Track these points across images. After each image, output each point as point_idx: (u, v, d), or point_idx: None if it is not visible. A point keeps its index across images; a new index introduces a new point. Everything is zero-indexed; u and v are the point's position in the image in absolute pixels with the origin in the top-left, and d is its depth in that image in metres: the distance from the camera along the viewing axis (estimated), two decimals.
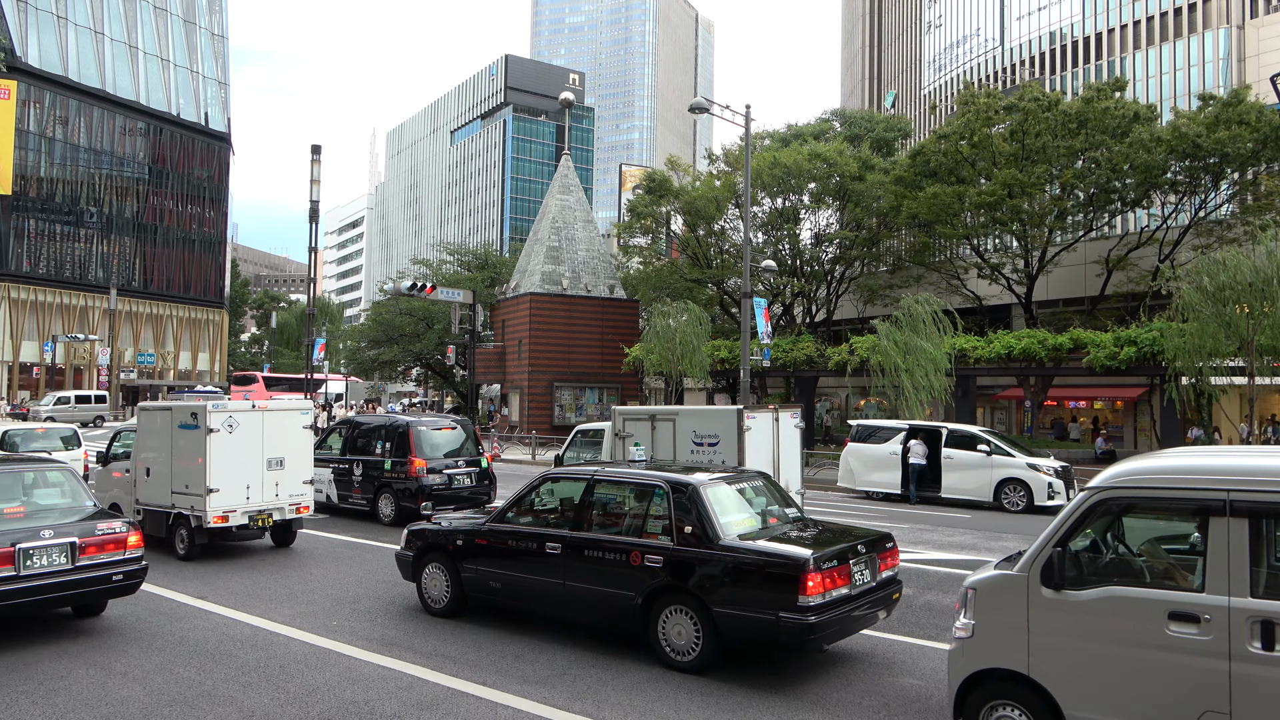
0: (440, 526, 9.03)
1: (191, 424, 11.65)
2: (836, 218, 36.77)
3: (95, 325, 67.06)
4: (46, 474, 9.05)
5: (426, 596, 9.02)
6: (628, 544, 7.53)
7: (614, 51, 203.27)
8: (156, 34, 74.44)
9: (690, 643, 7.12)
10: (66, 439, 17.49)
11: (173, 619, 8.86)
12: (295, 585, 10.34)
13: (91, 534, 8.14)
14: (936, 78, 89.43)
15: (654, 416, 11.37)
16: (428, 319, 45.50)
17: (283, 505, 12.18)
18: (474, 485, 15.14)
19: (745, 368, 26.79)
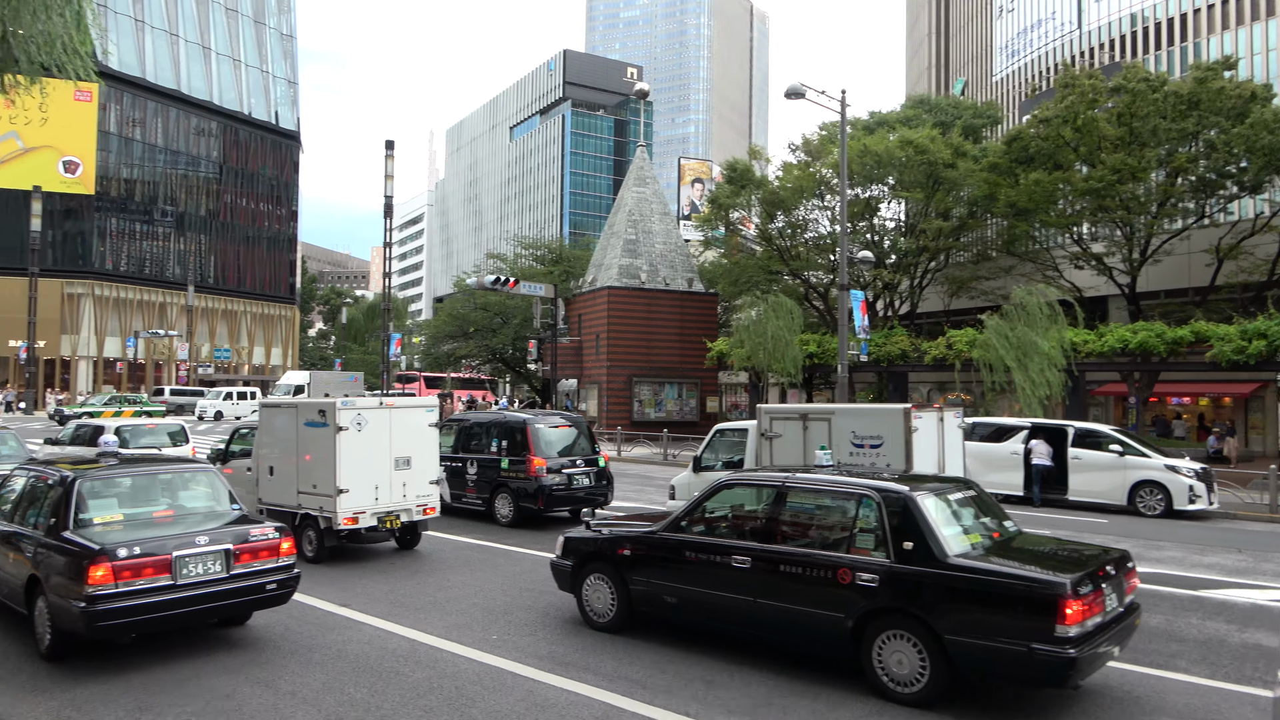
0: (602, 534, 8.39)
1: (319, 422, 11.20)
2: (920, 207, 35.45)
3: (173, 321, 68.44)
4: (190, 475, 8.62)
5: (588, 609, 8.39)
6: (833, 560, 6.78)
7: (669, 45, 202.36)
8: (229, 35, 75.62)
9: (914, 673, 6.34)
10: (174, 434, 17.33)
11: (322, 629, 8.37)
12: (436, 593, 9.80)
13: (245, 540, 7.66)
14: (1009, 64, 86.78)
15: (805, 415, 10.60)
16: (503, 314, 45.24)
17: (410, 506, 11.69)
18: (592, 485, 14.53)
19: (843, 363, 25.85)
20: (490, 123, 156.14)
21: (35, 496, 8.28)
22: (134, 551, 7.01)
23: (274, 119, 79.39)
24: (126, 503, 7.99)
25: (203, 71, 72.89)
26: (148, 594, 7.03)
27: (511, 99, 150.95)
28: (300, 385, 51.80)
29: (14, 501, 8.52)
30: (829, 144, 36.88)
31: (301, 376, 53.16)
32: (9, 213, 61.71)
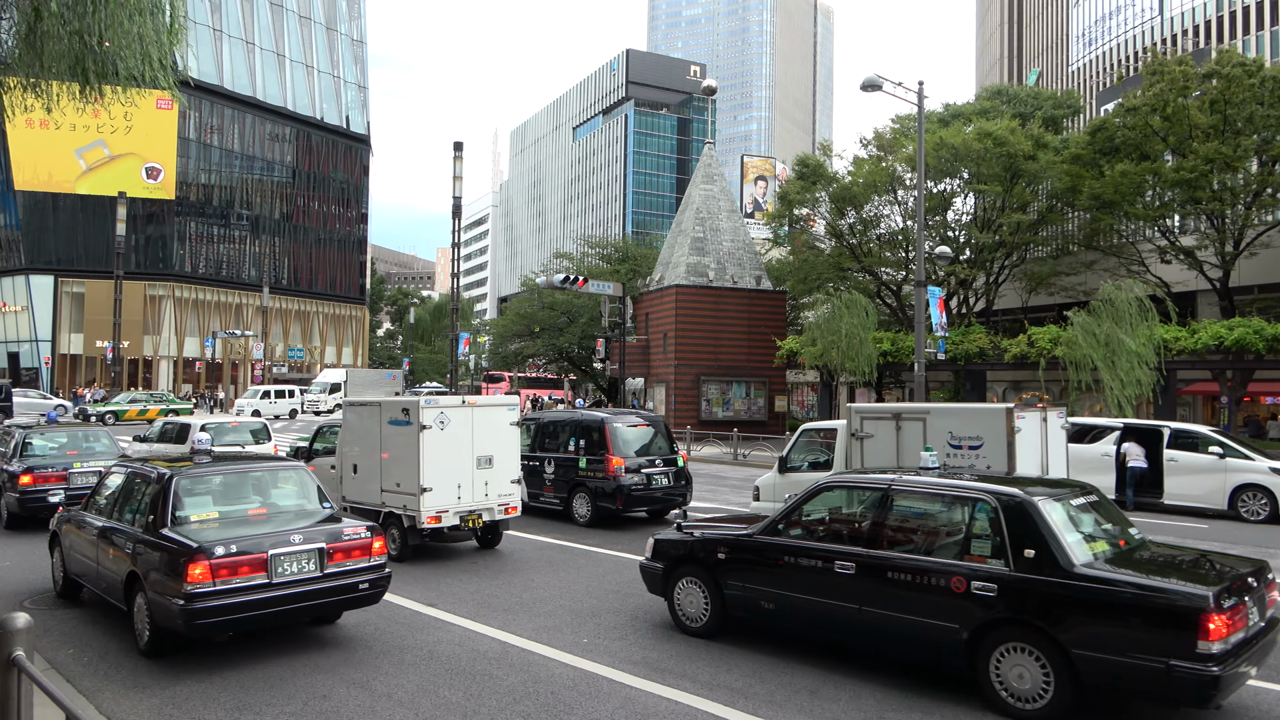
0: (694, 537, 8.16)
1: (403, 420, 11.19)
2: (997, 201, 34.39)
3: (249, 322, 70.30)
4: (281, 473, 8.63)
5: (680, 614, 8.16)
6: (947, 567, 6.44)
7: (731, 42, 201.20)
8: (302, 41, 77.41)
9: (1037, 688, 5.97)
10: (256, 432, 17.62)
11: (412, 629, 8.30)
12: (521, 593, 9.69)
13: (338, 539, 7.62)
14: (1086, 53, 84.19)
15: (899, 415, 10.22)
16: (570, 313, 45.34)
17: (492, 505, 11.62)
18: (670, 485, 14.32)
19: (920, 361, 25.16)
20: (553, 124, 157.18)
21: (133, 493, 8.38)
22: (231, 550, 7.01)
23: (345, 123, 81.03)
24: (221, 500, 8.03)
25: (277, 78, 74.74)
26: (244, 593, 7.03)
27: (574, 100, 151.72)
28: (336, 384, 51.87)
29: (112, 498, 8.65)
30: (902, 137, 36.09)
31: (337, 375, 53.58)
32: (97, 218, 64.10)
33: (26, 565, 11.18)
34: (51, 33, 10.63)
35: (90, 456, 14.24)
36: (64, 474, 13.53)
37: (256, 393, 50.23)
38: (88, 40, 11.20)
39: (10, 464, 13.70)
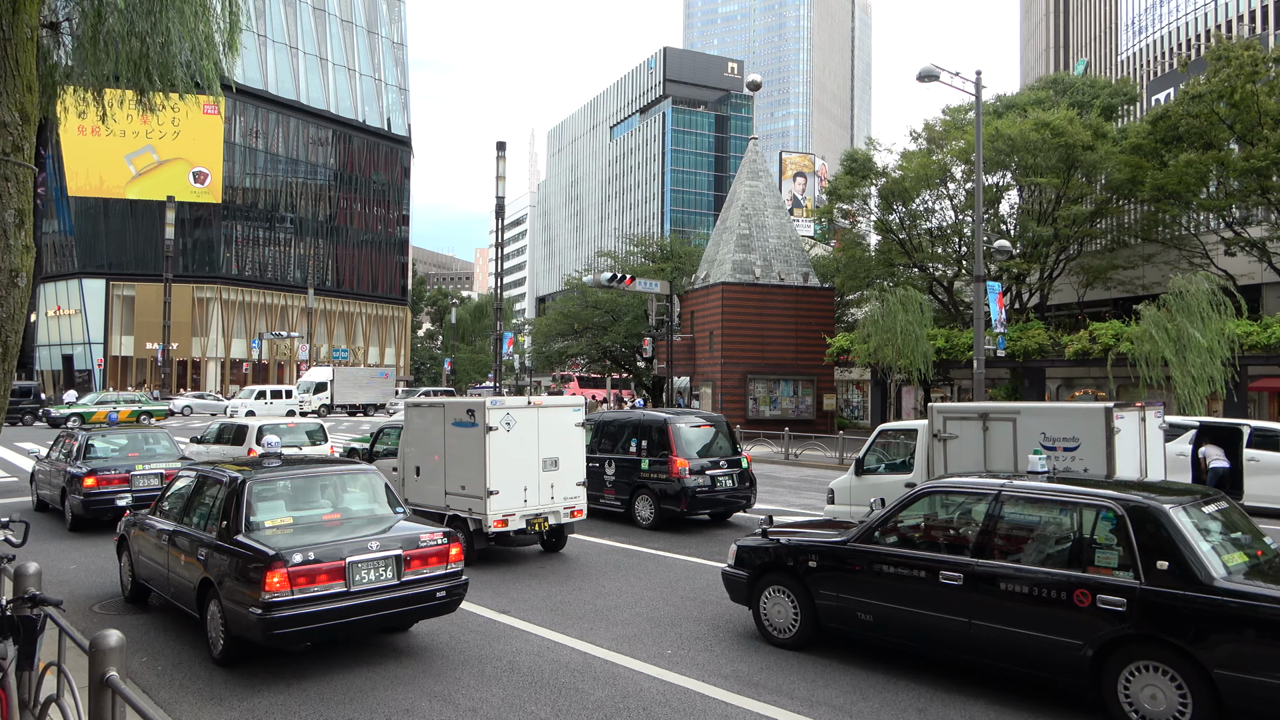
0: (782, 543, 7.79)
1: (468, 422, 10.95)
2: (1053, 193, 33.45)
3: (294, 323, 71.07)
4: (353, 477, 8.40)
5: (767, 624, 7.80)
6: (1067, 579, 6.00)
7: (767, 39, 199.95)
8: (344, 45, 78.13)
9: (1172, 710, 5.52)
10: (312, 433, 17.54)
11: (488, 638, 8.02)
12: (594, 600, 9.38)
13: (415, 545, 7.37)
14: (1136, 41, 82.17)
15: (985, 415, 9.74)
16: (613, 311, 45.08)
17: (557, 509, 11.34)
18: (735, 487, 13.94)
19: (979, 358, 24.52)
20: (590, 123, 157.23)
21: (203, 497, 8.21)
22: (309, 557, 6.79)
23: (386, 125, 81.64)
24: (294, 505, 7.82)
25: (320, 82, 75.51)
26: (322, 601, 6.80)
27: (611, 99, 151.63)
28: (322, 383, 50.98)
29: (181, 502, 8.50)
30: (954, 130, 35.30)
31: (324, 373, 52.51)
32: (146, 222, 65.20)
33: (93, 568, 11.12)
34: (115, 33, 10.54)
35: (151, 458, 14.23)
36: (126, 476, 13.51)
37: (251, 393, 48.34)
38: (149, 42, 11.11)
39: (73, 466, 13.72)
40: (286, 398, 48.16)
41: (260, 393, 47.92)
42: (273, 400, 47.49)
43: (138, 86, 11.56)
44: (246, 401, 46.76)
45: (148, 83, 11.42)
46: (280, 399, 47.74)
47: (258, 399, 47.06)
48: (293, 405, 47.49)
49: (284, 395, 48.41)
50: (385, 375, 55.56)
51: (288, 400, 47.87)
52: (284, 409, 46.35)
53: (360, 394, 52.60)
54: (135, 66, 11.04)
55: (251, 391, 48.40)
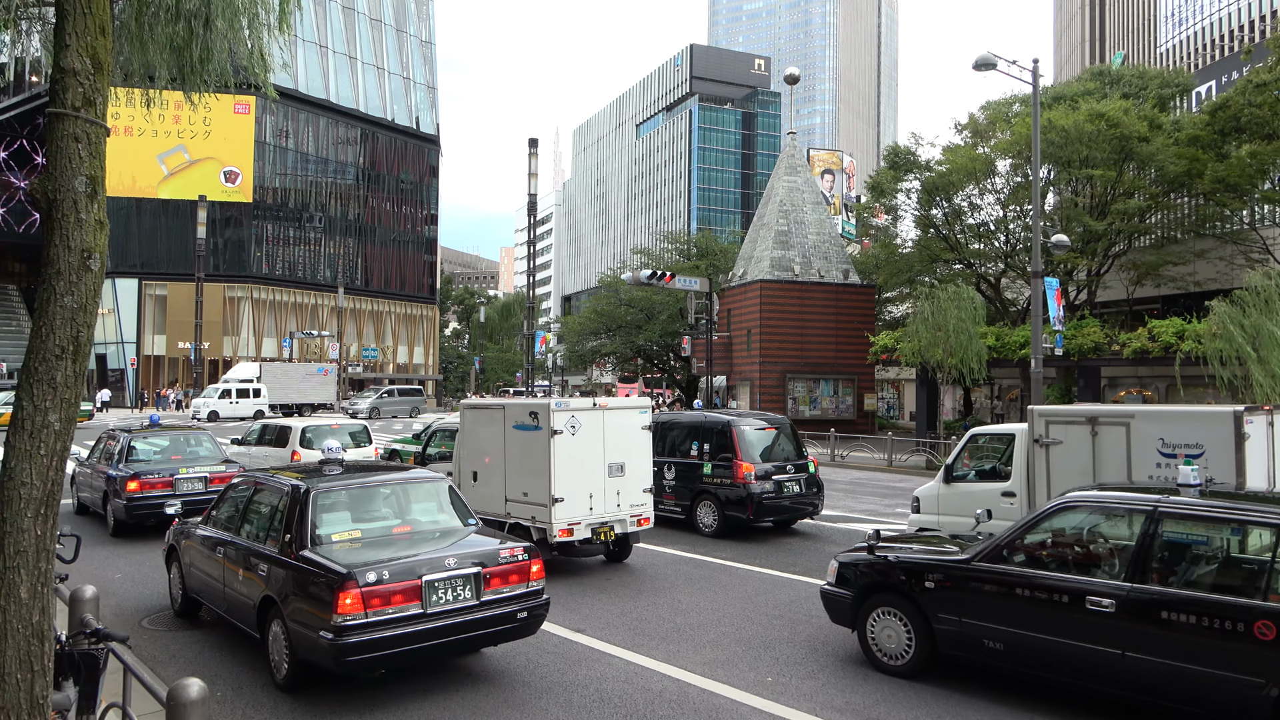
0: (891, 560, 7.10)
1: (530, 425, 10.33)
2: (1104, 187, 32.39)
3: (324, 322, 70.98)
4: (420, 485, 7.79)
5: (876, 649, 7.11)
6: (1247, 609, 5.27)
7: (793, 36, 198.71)
8: (373, 44, 77.97)
9: None
10: (356, 435, 17.02)
11: (568, 662, 7.39)
12: (674, 617, 8.73)
13: (495, 561, 6.74)
14: (1175, 33, 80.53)
15: (1094, 420, 8.99)
16: (648, 310, 44.43)
17: (624, 517, 10.70)
18: (802, 493, 13.24)
19: (1037, 356, 23.62)
20: (616, 121, 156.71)
21: (261, 507, 7.65)
22: (383, 576, 6.18)
23: (415, 124, 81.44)
24: (360, 516, 7.23)
25: (349, 81, 75.39)
26: (397, 624, 6.19)
27: (637, 97, 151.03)
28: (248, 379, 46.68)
29: (237, 511, 7.94)
30: (1001, 122, 34.34)
31: (251, 369, 48.54)
32: (177, 222, 65.33)
33: (139, 577, 10.62)
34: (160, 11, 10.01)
35: (195, 461, 13.75)
36: (170, 480, 13.05)
37: (215, 391, 44.96)
38: (194, 25, 10.58)
39: (115, 469, 13.25)
40: (255, 396, 44.93)
41: (225, 390, 44.75)
42: (239, 399, 44.29)
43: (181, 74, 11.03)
44: (210, 400, 43.69)
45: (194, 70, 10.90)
46: (247, 397, 44.56)
47: (222, 398, 43.98)
48: (261, 404, 44.63)
49: (251, 394, 45.03)
50: (324, 372, 51.62)
51: (255, 400, 44.63)
52: (252, 408, 43.59)
53: (294, 393, 48.44)
54: (181, 49, 10.50)
55: (215, 390, 45.08)
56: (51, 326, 3.90)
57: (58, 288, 3.90)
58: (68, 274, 3.89)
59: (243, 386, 45.60)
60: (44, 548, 3.89)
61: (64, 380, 3.94)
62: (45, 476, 3.92)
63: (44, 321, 3.93)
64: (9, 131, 73.42)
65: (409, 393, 50.68)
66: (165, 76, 11.97)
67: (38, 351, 3.92)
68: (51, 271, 3.92)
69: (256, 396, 45.10)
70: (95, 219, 3.91)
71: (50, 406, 3.92)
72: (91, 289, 3.96)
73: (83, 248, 3.87)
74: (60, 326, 3.90)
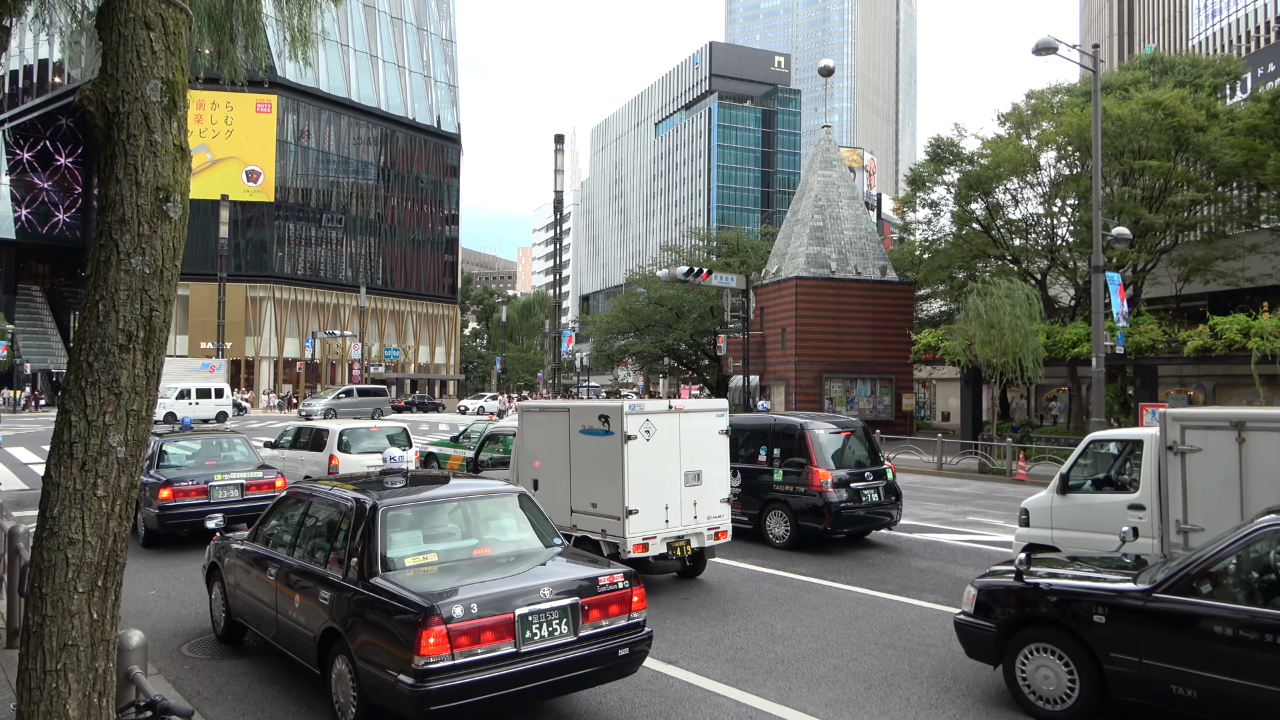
0: (1044, 588, 6.14)
1: (600, 430, 9.42)
2: (1157, 180, 31.18)
3: (346, 322, 70.47)
4: (495, 499, 6.89)
5: (1028, 691, 6.16)
6: None
7: (811, 33, 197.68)
8: (394, 42, 77.42)
9: None
10: (394, 437, 16.17)
11: (668, 702, 6.47)
12: (772, 645, 7.80)
13: (594, 590, 5.84)
14: (1209, 25, 78.94)
15: (1241, 425, 7.99)
16: (678, 309, 43.47)
17: (700, 529, 9.78)
18: (880, 501, 12.28)
19: (1098, 355, 22.57)
20: (634, 120, 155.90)
21: (317, 523, 6.79)
22: (471, 610, 5.29)
23: (436, 123, 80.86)
24: (433, 536, 6.35)
25: (370, 79, 74.85)
26: (487, 666, 5.30)
27: (655, 95, 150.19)
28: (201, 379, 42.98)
29: (290, 528, 7.08)
30: (1047, 112, 33.21)
31: None
32: (199, 221, 64.86)
33: (174, 595, 9.81)
34: None
35: (230, 467, 12.95)
36: (204, 487, 12.24)
37: (172, 392, 41.43)
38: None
39: (146, 475, 12.45)
40: (218, 397, 42.41)
41: (183, 391, 41.81)
42: (198, 400, 41.32)
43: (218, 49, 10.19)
44: (167, 401, 40.16)
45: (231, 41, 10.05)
46: (209, 398, 41.82)
47: (179, 398, 40.87)
48: (224, 406, 42.19)
49: (213, 394, 42.42)
50: (210, 368, 46.45)
51: (218, 400, 42.13)
52: (214, 409, 41.19)
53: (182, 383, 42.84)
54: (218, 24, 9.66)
55: (173, 390, 41.80)
56: (113, 302, 2.84)
57: (121, 244, 2.82)
58: (135, 223, 2.81)
59: (203, 386, 42.90)
60: (102, 637, 2.81)
61: (131, 383, 2.88)
62: (103, 530, 2.82)
63: (101, 294, 2.85)
64: (32, 133, 73.35)
65: (370, 393, 46.50)
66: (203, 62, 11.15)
67: (92, 340, 2.85)
68: (112, 220, 2.85)
69: (219, 397, 42.45)
70: (175, 143, 2.87)
71: (112, 423, 2.84)
72: (170, 247, 2.91)
73: (157, 184, 2.79)
74: (125, 301, 2.84)
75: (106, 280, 2.85)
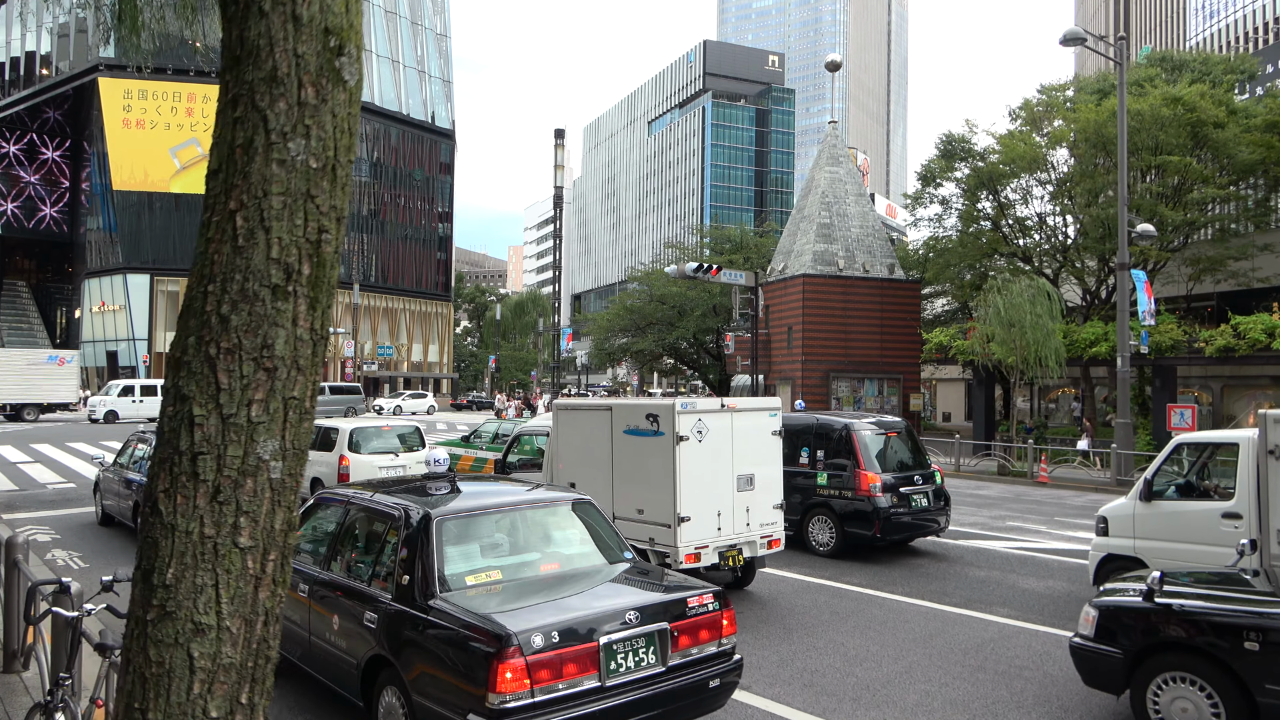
0: (1177, 610, 5.48)
1: (648, 430, 8.72)
2: (1173, 177, 30.70)
3: (339, 319, 69.48)
4: (555, 510, 6.18)
5: None
6: None
7: (803, 33, 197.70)
8: (388, 37, 76.44)
9: None
10: (407, 436, 15.41)
11: None
12: (849, 667, 7.11)
13: (682, 614, 5.14)
14: (1206, 26, 78.95)
15: None
16: (680, 307, 42.76)
17: (753, 538, 9.09)
18: (930, 506, 11.63)
19: (1123, 354, 22.11)
20: (627, 118, 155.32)
21: (360, 536, 6.06)
22: (552, 638, 4.58)
23: (431, 119, 79.95)
24: (493, 551, 5.64)
25: (365, 74, 73.91)
26: (569, 704, 4.60)
27: (649, 93, 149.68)
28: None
29: (326, 540, 6.35)
30: (1060, 108, 32.69)
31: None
32: (191, 216, 63.86)
33: None
34: None
35: None
36: None
37: (113, 389, 39.66)
38: None
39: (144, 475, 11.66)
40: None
41: (127, 388, 39.82)
42: (144, 397, 38.98)
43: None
44: (108, 399, 38.55)
45: None
46: (154, 395, 38.91)
47: (123, 395, 38.99)
48: None
49: (160, 392, 40.68)
50: (59, 361, 40.52)
51: None
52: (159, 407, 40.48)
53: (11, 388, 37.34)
54: None
55: (113, 387, 40.04)
56: (260, 213, 1.86)
57: (272, 116, 1.85)
58: (294, 83, 1.85)
59: (147, 384, 40.88)
60: None
61: (290, 350, 1.89)
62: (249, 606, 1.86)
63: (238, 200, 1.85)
64: (19, 125, 72.10)
65: (343, 390, 44.58)
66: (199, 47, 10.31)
67: (226, 278, 1.85)
68: (256, 79, 1.86)
69: None
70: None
71: (261, 419, 1.86)
72: (345, 129, 1.98)
73: (325, 24, 1.86)
74: (282, 213, 1.87)
75: (249, 177, 1.81)
